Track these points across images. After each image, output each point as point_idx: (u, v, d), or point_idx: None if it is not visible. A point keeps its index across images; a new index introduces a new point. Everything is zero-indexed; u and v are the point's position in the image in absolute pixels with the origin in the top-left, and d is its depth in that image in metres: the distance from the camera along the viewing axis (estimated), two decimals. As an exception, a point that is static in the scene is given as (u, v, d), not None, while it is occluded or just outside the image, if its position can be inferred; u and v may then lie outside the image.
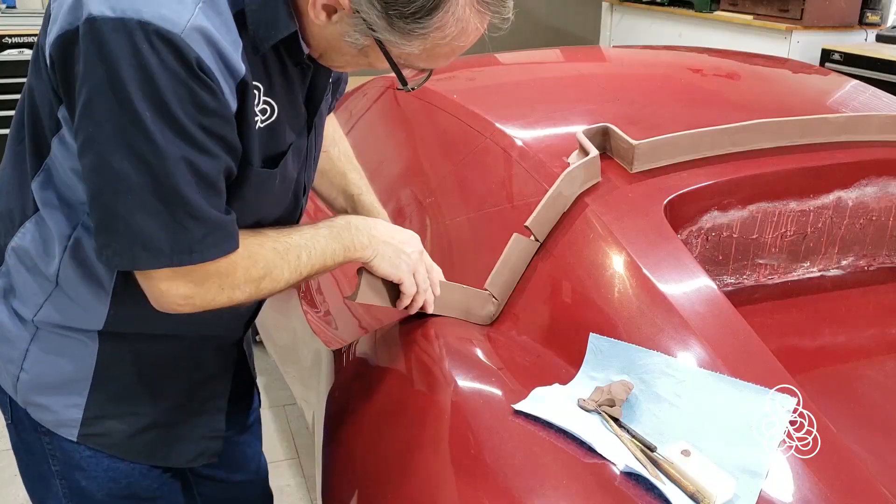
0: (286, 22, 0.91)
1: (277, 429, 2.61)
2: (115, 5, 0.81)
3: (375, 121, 1.99)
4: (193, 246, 0.89)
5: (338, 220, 1.07)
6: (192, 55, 0.82)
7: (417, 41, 0.90)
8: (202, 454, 1.19)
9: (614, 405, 0.99)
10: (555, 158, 1.37)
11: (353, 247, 1.06)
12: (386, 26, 0.88)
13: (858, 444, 0.97)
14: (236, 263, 0.94)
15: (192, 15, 0.83)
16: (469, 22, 0.89)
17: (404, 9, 0.86)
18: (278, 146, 1.00)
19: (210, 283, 0.93)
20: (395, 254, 1.09)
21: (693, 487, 0.87)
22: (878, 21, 4.62)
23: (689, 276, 1.14)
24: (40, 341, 1.05)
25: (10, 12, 4.28)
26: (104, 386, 1.06)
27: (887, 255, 1.46)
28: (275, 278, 0.99)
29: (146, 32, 0.80)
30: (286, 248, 1.00)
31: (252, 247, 0.96)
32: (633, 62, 2.18)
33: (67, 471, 1.11)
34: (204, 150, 0.87)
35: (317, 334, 1.56)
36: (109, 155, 0.84)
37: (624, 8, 5.93)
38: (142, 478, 1.14)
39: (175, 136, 0.84)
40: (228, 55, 0.87)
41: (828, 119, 1.44)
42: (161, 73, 0.81)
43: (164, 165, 0.84)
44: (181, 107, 0.83)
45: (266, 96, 0.95)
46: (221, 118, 0.88)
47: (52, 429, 1.08)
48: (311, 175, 1.16)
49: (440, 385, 1.08)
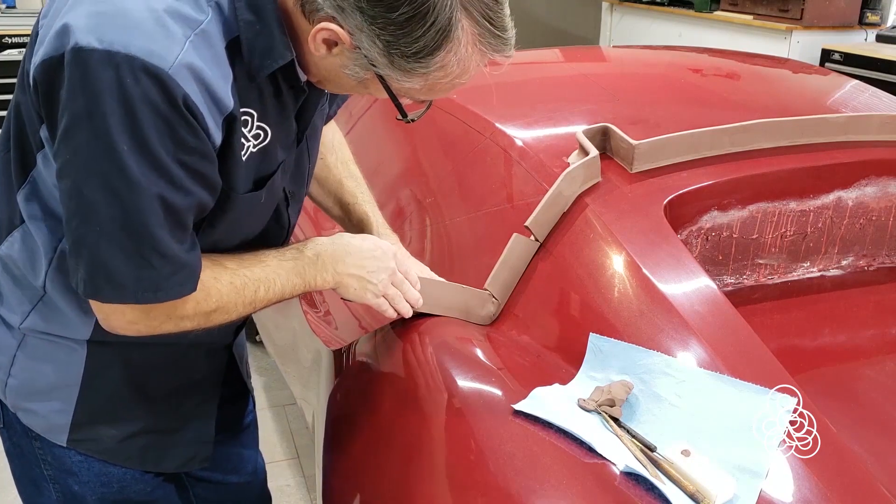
0: (282, 51, 0.90)
1: (277, 429, 2.61)
2: (102, 37, 0.80)
3: (375, 121, 1.99)
4: (159, 284, 0.88)
5: (307, 250, 1.06)
6: (180, 92, 0.81)
7: (418, 79, 0.89)
8: (192, 459, 1.18)
9: (614, 405, 0.99)
10: (555, 158, 1.37)
11: (315, 283, 1.05)
12: (387, 63, 0.87)
13: (858, 444, 0.97)
14: (187, 298, 0.93)
15: (182, 50, 0.82)
16: (471, 60, 0.89)
17: (406, 49, 0.85)
18: (269, 167, 1.00)
19: (158, 313, 0.93)
20: (360, 285, 1.08)
21: (693, 487, 0.87)
22: (878, 21, 4.62)
23: (689, 276, 1.14)
24: (28, 347, 1.05)
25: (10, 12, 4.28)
26: (92, 392, 1.06)
27: (887, 255, 1.46)
28: (227, 311, 0.98)
29: (132, 67, 0.79)
30: (244, 282, 0.99)
31: (208, 281, 0.95)
32: (633, 62, 2.18)
33: (59, 475, 1.11)
34: (179, 186, 0.86)
35: (317, 334, 1.55)
36: (82, 183, 0.83)
37: (624, 8, 5.93)
38: (134, 482, 1.14)
39: (150, 171, 0.83)
40: (216, 90, 0.85)
41: (828, 119, 1.44)
42: (142, 108, 0.80)
43: (136, 200, 0.83)
44: (160, 142, 0.82)
45: (260, 121, 0.94)
46: (201, 156, 0.87)
47: (42, 433, 1.08)
48: (302, 186, 1.15)
49: (440, 385, 1.08)
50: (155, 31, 0.81)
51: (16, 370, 1.05)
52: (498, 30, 0.88)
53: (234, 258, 1.00)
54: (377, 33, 0.84)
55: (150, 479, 1.15)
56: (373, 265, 1.09)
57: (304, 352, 1.73)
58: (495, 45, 0.89)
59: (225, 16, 0.87)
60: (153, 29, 0.81)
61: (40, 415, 1.07)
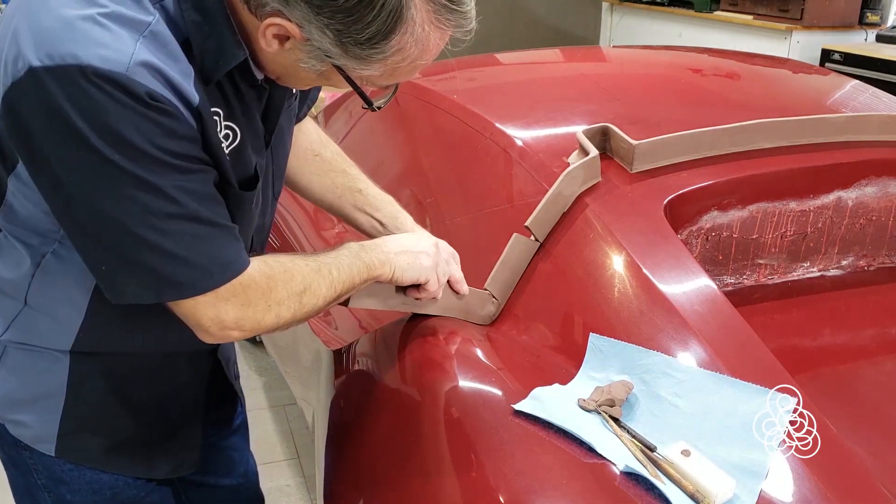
0: (233, 51, 0.87)
1: (277, 429, 2.61)
2: (52, 52, 0.77)
3: (375, 121, 1.99)
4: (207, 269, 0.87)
5: (347, 245, 1.06)
6: (142, 88, 0.79)
7: (377, 65, 0.86)
8: (181, 465, 1.18)
9: (614, 405, 0.99)
10: (555, 158, 1.37)
11: (373, 265, 1.05)
12: (341, 53, 0.84)
13: (858, 444, 0.97)
14: (275, 278, 0.93)
15: (134, 51, 0.79)
16: (429, 40, 0.85)
17: (358, 36, 0.82)
18: (246, 170, 0.98)
19: (257, 304, 0.92)
20: (413, 259, 1.09)
21: (693, 487, 0.87)
22: (878, 21, 4.62)
23: (689, 276, 1.14)
24: (9, 359, 1.03)
25: (10, 12, 4.27)
26: (78, 401, 1.05)
27: (887, 255, 1.46)
28: (314, 293, 0.98)
29: (87, 76, 0.77)
30: (318, 264, 0.99)
31: (286, 263, 0.96)
32: (633, 62, 2.18)
33: (51, 484, 1.10)
34: (189, 171, 0.85)
35: (317, 334, 1.56)
36: (97, 203, 0.81)
37: (624, 8, 5.93)
38: (126, 488, 1.13)
39: (155, 170, 0.82)
40: (179, 84, 0.83)
41: (828, 119, 1.44)
42: (115, 113, 0.78)
43: (156, 200, 0.82)
44: (149, 141, 0.80)
45: (227, 121, 0.92)
46: (188, 140, 0.85)
47: (31, 444, 1.07)
48: (276, 191, 1.14)
49: (440, 385, 1.08)
50: (102, 36, 0.78)
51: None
52: (454, 4, 0.84)
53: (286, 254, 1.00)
54: (325, 23, 0.81)
55: (141, 484, 1.14)
56: (415, 240, 1.12)
57: (304, 352, 1.73)
58: (453, 20, 0.85)
59: (172, 17, 0.84)
60: (100, 35, 0.78)
61: (27, 425, 1.06)
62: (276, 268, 0.95)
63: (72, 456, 1.08)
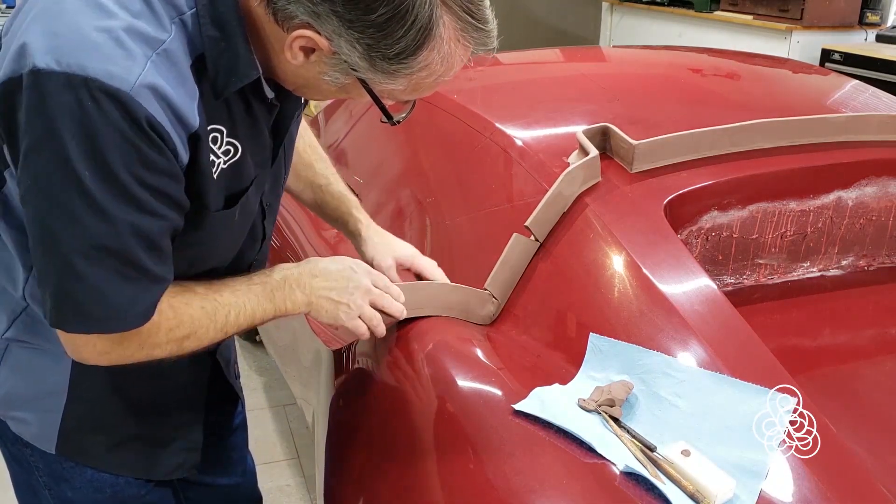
0: (247, 70, 0.87)
1: (277, 429, 2.61)
2: (60, 59, 0.77)
3: (375, 121, 1.99)
4: (126, 313, 0.87)
5: (274, 274, 1.05)
6: (142, 113, 0.78)
7: (402, 79, 0.86)
8: (181, 466, 1.18)
9: (614, 405, 0.99)
10: (555, 158, 1.37)
11: (285, 308, 1.04)
12: (368, 67, 0.84)
13: (858, 444, 0.97)
14: (160, 324, 0.92)
15: (143, 70, 0.79)
16: (454, 57, 0.86)
17: (387, 51, 0.82)
18: (241, 183, 0.98)
19: (129, 343, 0.91)
20: (332, 307, 1.07)
21: (693, 487, 0.87)
22: (878, 21, 4.62)
23: (689, 276, 1.14)
24: (12, 357, 1.04)
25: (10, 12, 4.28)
26: (79, 399, 1.05)
27: (887, 255, 1.46)
28: (199, 337, 0.97)
29: (90, 90, 0.76)
30: (215, 307, 0.97)
31: (179, 307, 0.94)
32: (633, 62, 2.18)
33: (52, 482, 1.11)
34: (149, 211, 0.84)
35: (317, 334, 1.55)
36: (44, 212, 0.81)
37: (624, 8, 5.93)
38: (127, 486, 1.13)
39: (116, 198, 0.81)
40: (181, 108, 0.83)
41: (828, 119, 1.44)
42: (104, 131, 0.78)
43: (103, 229, 0.81)
44: (125, 166, 0.80)
45: (229, 137, 0.92)
46: (169, 176, 0.84)
47: (32, 441, 1.08)
48: (279, 197, 1.14)
49: (440, 385, 1.08)
50: (114, 51, 0.78)
51: (1, 379, 1.05)
52: (480, 23, 0.85)
53: (203, 284, 0.99)
54: (356, 37, 0.81)
55: (142, 483, 1.15)
56: (343, 285, 1.07)
57: (304, 352, 1.73)
58: (478, 38, 0.86)
59: (189, 32, 0.84)
60: (112, 50, 0.78)
61: (29, 423, 1.07)
62: (166, 313, 0.93)
63: (72, 454, 1.08)
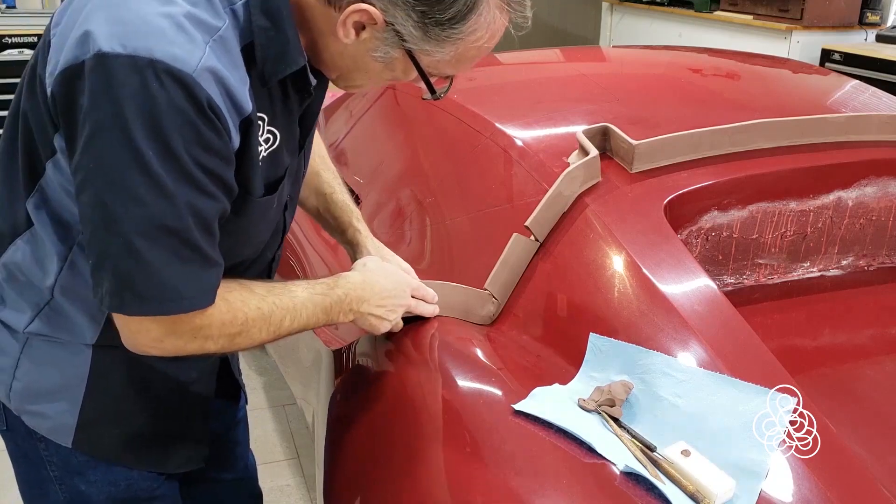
0: (295, 57, 0.91)
1: (277, 429, 2.61)
2: (126, 43, 0.79)
3: (375, 121, 1.99)
4: (182, 294, 0.88)
5: (337, 288, 1.07)
6: (204, 95, 0.81)
7: (450, 47, 0.91)
8: (191, 459, 1.19)
9: (614, 405, 0.99)
10: (555, 158, 1.37)
11: (337, 319, 1.08)
12: (422, 36, 0.89)
13: (858, 444, 0.97)
14: (213, 317, 0.93)
15: (204, 54, 0.82)
16: (497, 22, 0.91)
17: (440, 16, 0.87)
18: (278, 171, 1.01)
19: (183, 332, 0.92)
20: (377, 322, 1.12)
21: (693, 487, 0.87)
22: (878, 21, 4.62)
23: (689, 276, 1.14)
24: (32, 350, 1.04)
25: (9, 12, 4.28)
26: (98, 392, 1.06)
27: (887, 255, 1.46)
28: (251, 336, 0.98)
29: (156, 71, 0.79)
30: (271, 310, 0.98)
31: (236, 303, 0.95)
32: (634, 62, 2.18)
33: (66, 476, 1.11)
34: (206, 192, 0.86)
35: (317, 334, 1.55)
36: (105, 193, 0.82)
37: (624, 8, 5.93)
38: (140, 479, 1.14)
39: (178, 178, 0.83)
40: (236, 93, 0.86)
41: (828, 119, 1.44)
42: (168, 111, 0.80)
43: (165, 208, 0.83)
44: (186, 147, 0.82)
45: (270, 125, 0.95)
46: (224, 160, 0.87)
47: (47, 435, 1.08)
48: (296, 192, 1.15)
49: (440, 385, 1.08)
50: (177, 36, 0.81)
51: (20, 373, 1.05)
52: None
53: (265, 284, 1.00)
54: (412, 4, 0.86)
55: (154, 477, 1.16)
56: (393, 304, 1.13)
57: (304, 352, 1.73)
58: (516, 5, 0.92)
59: (240, 21, 0.87)
60: (175, 34, 0.81)
61: (46, 416, 1.07)
62: (220, 307, 0.93)
63: (88, 448, 1.09)
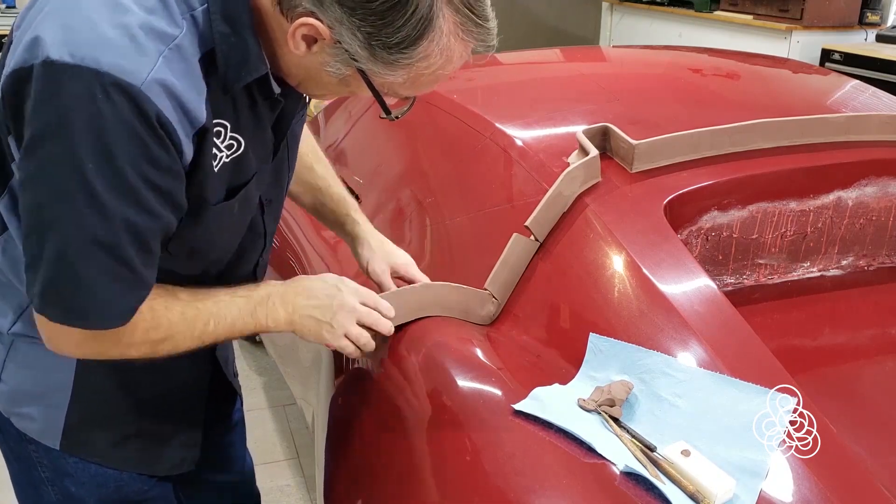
0: (256, 64, 0.89)
1: (277, 429, 2.61)
2: (74, 52, 0.78)
3: (375, 121, 1.99)
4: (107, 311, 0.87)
5: (260, 290, 1.05)
6: (152, 108, 0.80)
7: (401, 71, 0.87)
8: (182, 462, 1.19)
9: (614, 405, 0.99)
10: (555, 158, 1.37)
11: (266, 324, 1.04)
12: (369, 56, 0.85)
13: (858, 444, 0.97)
14: (137, 324, 0.92)
15: (155, 66, 0.80)
16: (453, 51, 0.88)
17: (388, 39, 0.83)
18: (242, 177, 0.99)
19: (105, 339, 0.92)
20: (316, 326, 1.07)
21: (693, 487, 0.87)
22: (878, 21, 4.62)
23: (689, 276, 1.14)
24: (17, 352, 1.04)
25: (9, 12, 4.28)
26: (84, 395, 1.06)
27: (887, 255, 1.46)
28: (175, 342, 0.98)
29: (103, 83, 0.78)
30: (195, 314, 0.98)
31: (159, 310, 0.95)
32: (633, 62, 2.18)
33: (56, 478, 1.11)
34: (146, 209, 0.85)
35: (317, 334, 1.55)
36: (43, 200, 0.82)
37: (624, 8, 5.93)
38: (132, 481, 1.14)
39: (117, 193, 0.81)
40: (189, 104, 0.84)
41: (828, 119, 1.44)
42: (113, 124, 0.79)
43: (100, 222, 0.82)
44: (130, 161, 0.81)
45: (233, 132, 0.93)
46: (171, 174, 0.85)
47: (36, 437, 1.08)
48: (281, 193, 1.14)
49: (440, 385, 1.08)
50: (127, 47, 0.80)
51: (6, 375, 1.05)
52: (479, 19, 0.87)
53: (188, 290, 0.99)
54: (357, 25, 0.83)
55: (144, 479, 1.16)
56: (327, 303, 1.07)
57: (304, 352, 1.73)
58: (477, 34, 0.88)
59: (200, 28, 0.86)
60: (125, 45, 0.80)
61: (33, 419, 1.07)
62: (144, 314, 0.93)
63: (77, 450, 1.09)
